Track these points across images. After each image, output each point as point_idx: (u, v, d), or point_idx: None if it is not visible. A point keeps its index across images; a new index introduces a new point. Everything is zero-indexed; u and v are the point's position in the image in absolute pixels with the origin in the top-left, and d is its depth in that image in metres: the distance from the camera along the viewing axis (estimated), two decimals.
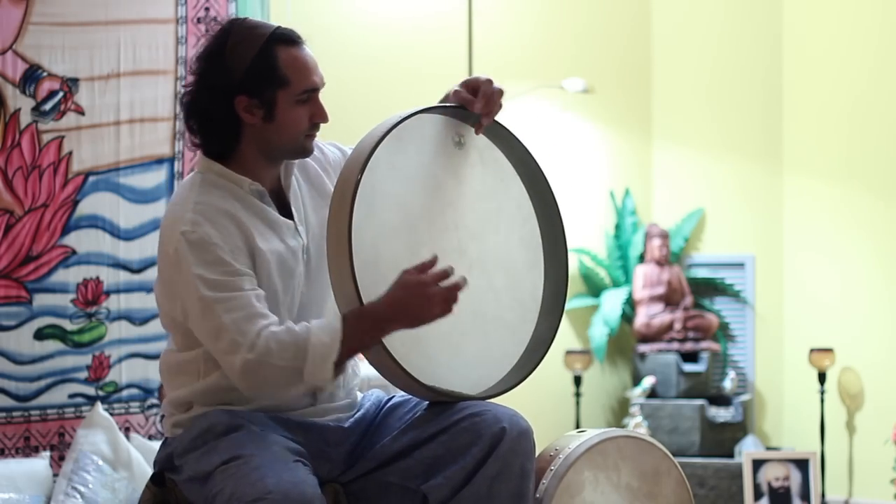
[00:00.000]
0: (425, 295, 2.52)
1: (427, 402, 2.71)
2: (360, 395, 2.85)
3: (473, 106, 2.73)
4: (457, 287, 2.54)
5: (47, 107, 4.59)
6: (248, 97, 2.63)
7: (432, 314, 2.54)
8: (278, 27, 2.67)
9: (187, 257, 2.55)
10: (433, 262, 2.56)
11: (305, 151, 2.72)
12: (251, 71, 2.62)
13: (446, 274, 2.54)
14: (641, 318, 6.75)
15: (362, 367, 2.89)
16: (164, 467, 2.72)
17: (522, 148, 2.85)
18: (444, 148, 2.77)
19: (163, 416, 2.75)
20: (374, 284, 2.58)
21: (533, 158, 2.86)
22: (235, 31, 2.66)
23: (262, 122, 2.65)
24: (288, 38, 2.65)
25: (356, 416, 2.76)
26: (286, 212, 2.72)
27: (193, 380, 2.66)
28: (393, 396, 2.81)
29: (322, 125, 2.73)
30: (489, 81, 2.75)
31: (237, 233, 2.60)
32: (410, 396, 2.74)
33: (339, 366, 2.54)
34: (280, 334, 2.52)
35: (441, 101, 2.80)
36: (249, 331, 2.51)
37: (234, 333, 2.52)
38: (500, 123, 2.83)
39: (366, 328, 2.53)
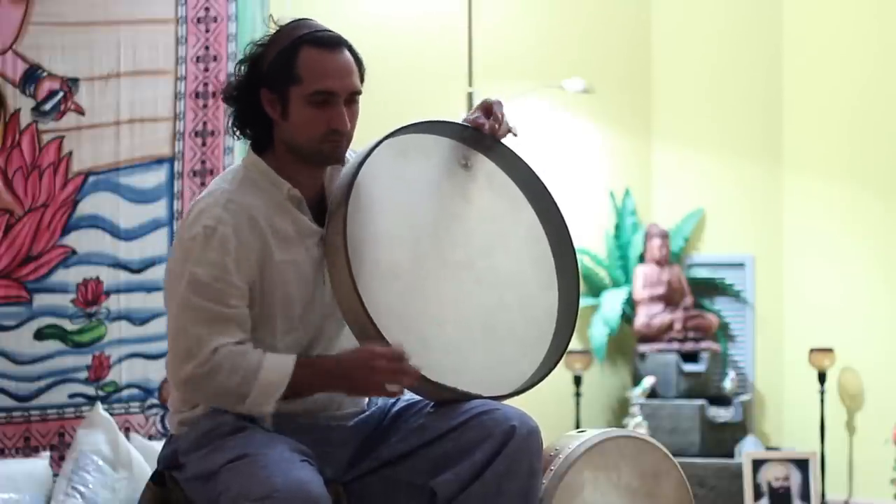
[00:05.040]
0: (370, 368, 2.55)
1: (434, 403, 2.71)
2: (365, 399, 2.84)
3: (484, 127, 2.79)
4: (403, 373, 2.55)
5: (47, 107, 4.59)
6: (269, 91, 2.65)
7: (370, 390, 2.60)
8: (318, 30, 2.68)
9: (196, 251, 2.57)
10: (398, 350, 2.56)
11: (326, 158, 2.68)
12: (273, 65, 2.64)
13: (400, 356, 2.55)
14: (641, 318, 6.76)
15: None
16: (168, 465, 2.72)
17: (529, 170, 2.87)
18: (449, 168, 2.79)
19: (163, 416, 2.76)
20: (374, 288, 2.59)
21: (539, 181, 2.87)
22: (283, 28, 2.68)
23: (280, 118, 2.66)
24: (318, 41, 2.64)
25: (362, 416, 2.76)
26: (324, 219, 2.72)
27: None
28: (399, 398, 2.81)
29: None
30: (499, 103, 2.83)
31: (255, 242, 2.61)
32: (418, 398, 2.74)
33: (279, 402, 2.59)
34: (235, 357, 2.54)
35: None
36: (207, 345, 2.54)
37: (192, 343, 2.54)
38: (505, 146, 2.85)
39: (312, 379, 2.59)
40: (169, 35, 4.82)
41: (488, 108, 2.82)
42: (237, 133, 2.74)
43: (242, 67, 2.70)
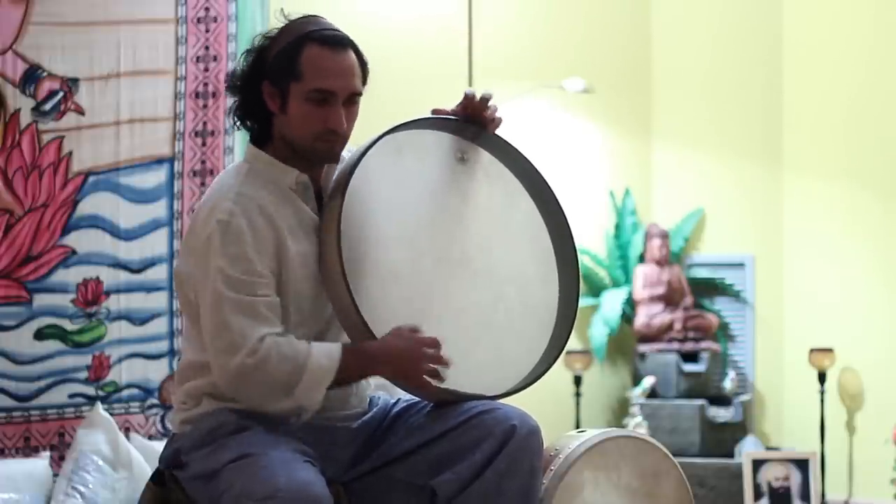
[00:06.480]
0: (417, 354, 2.56)
1: (434, 403, 2.71)
2: (368, 399, 2.84)
3: (468, 109, 2.77)
4: (441, 361, 2.57)
5: (47, 107, 4.59)
6: (270, 84, 2.66)
7: (415, 377, 2.58)
8: (326, 28, 2.69)
9: (216, 247, 2.56)
10: (418, 329, 2.59)
11: (320, 156, 2.69)
12: (276, 59, 2.65)
13: (437, 343, 2.57)
14: (641, 318, 6.76)
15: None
16: (170, 464, 2.72)
17: (528, 163, 2.86)
18: (446, 162, 2.78)
19: (163, 416, 2.75)
20: (374, 291, 2.59)
21: (539, 173, 2.86)
22: (292, 23, 2.70)
23: (279, 112, 2.67)
24: (323, 39, 2.66)
25: (364, 418, 2.77)
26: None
27: (209, 371, 2.65)
28: (399, 399, 2.81)
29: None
30: (486, 96, 2.80)
31: (269, 233, 2.61)
32: (417, 399, 2.74)
33: (327, 391, 2.57)
34: (282, 346, 2.53)
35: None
36: (252, 335, 2.52)
37: (237, 335, 2.52)
38: (503, 138, 2.84)
39: (360, 365, 2.59)
40: (169, 35, 4.82)
41: (470, 98, 2.79)
42: (237, 124, 2.75)
43: (248, 58, 2.71)
